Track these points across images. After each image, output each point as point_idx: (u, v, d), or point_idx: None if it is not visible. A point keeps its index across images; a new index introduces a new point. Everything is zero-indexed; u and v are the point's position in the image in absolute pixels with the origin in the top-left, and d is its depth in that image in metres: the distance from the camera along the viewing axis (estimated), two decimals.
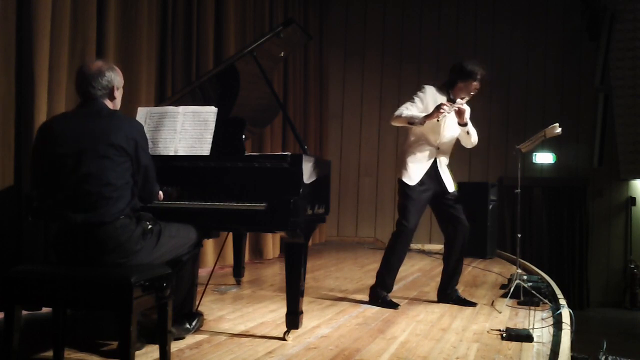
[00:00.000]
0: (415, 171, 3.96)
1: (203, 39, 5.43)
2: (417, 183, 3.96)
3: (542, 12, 9.59)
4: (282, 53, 3.98)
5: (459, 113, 3.89)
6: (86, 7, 3.98)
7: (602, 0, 8.99)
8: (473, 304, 4.09)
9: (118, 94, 2.62)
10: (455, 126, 3.99)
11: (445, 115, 3.78)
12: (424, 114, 3.82)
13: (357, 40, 9.86)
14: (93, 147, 2.39)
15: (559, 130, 4.18)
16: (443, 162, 4.06)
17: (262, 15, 6.74)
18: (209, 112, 3.15)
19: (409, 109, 3.89)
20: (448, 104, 3.78)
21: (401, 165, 4.02)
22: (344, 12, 9.90)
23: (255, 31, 6.45)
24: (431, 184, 4.00)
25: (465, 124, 3.96)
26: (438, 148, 4.00)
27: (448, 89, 4.01)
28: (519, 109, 9.50)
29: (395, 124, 3.97)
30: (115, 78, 2.58)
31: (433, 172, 4.00)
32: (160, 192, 2.84)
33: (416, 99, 3.95)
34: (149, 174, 2.58)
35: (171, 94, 4.58)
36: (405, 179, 3.97)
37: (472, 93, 3.97)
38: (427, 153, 3.98)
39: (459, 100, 3.92)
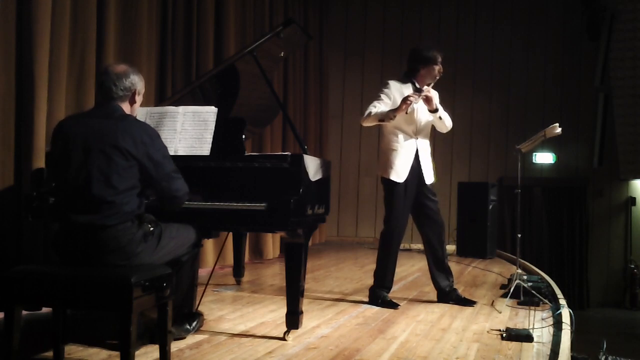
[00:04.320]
0: (401, 167, 3.95)
1: (203, 39, 5.43)
2: (405, 179, 3.95)
3: (542, 12, 9.59)
4: (282, 53, 3.98)
5: (427, 100, 3.90)
6: (86, 7, 3.98)
7: (602, 0, 8.99)
8: (473, 303, 4.09)
9: (138, 99, 2.62)
10: (427, 112, 4.00)
11: (414, 106, 3.81)
12: (393, 109, 3.82)
13: (357, 40, 9.86)
14: (98, 148, 2.39)
15: (559, 130, 4.18)
16: (425, 151, 4.05)
17: (262, 15, 6.74)
18: (209, 112, 3.15)
19: (377, 107, 3.89)
20: (414, 95, 3.79)
21: (386, 164, 4.00)
22: (344, 12, 9.90)
23: (255, 31, 6.45)
24: (413, 177, 4.00)
25: (435, 110, 3.96)
26: (417, 137, 4.01)
27: (411, 78, 4.01)
28: (519, 109, 9.50)
29: (366, 124, 3.97)
30: (139, 83, 2.58)
31: (415, 163, 4.00)
32: None
33: (382, 96, 3.94)
34: (170, 174, 2.52)
35: (171, 94, 4.58)
36: (393, 177, 3.96)
37: (436, 77, 3.97)
38: (407, 144, 3.98)
39: (425, 87, 3.91)
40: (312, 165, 3.05)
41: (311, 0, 8.40)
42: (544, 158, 9.51)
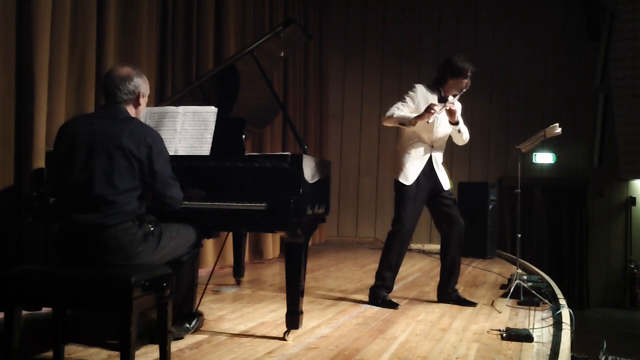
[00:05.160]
0: (411, 171, 3.96)
1: (203, 39, 5.43)
2: (414, 182, 3.96)
3: (542, 12, 9.60)
4: (282, 53, 3.98)
5: (450, 112, 3.90)
6: (86, 7, 3.98)
7: (602, 0, 8.99)
8: (473, 304, 4.09)
9: (143, 102, 2.63)
10: (447, 123, 4.00)
11: (436, 117, 3.80)
12: (415, 115, 3.83)
13: (357, 40, 9.86)
14: (102, 148, 2.39)
15: (559, 130, 4.18)
16: (438, 160, 4.06)
17: (262, 15, 6.74)
18: (209, 112, 3.15)
19: (400, 109, 3.90)
20: (438, 105, 3.80)
21: (397, 166, 4.01)
22: (344, 12, 9.90)
23: (255, 31, 6.45)
24: (427, 182, 4.00)
25: (456, 123, 3.97)
26: (432, 146, 4.01)
27: (439, 87, 4.02)
28: (519, 109, 9.50)
29: (387, 124, 3.97)
30: (142, 85, 2.59)
31: (429, 170, 4.00)
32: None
33: (407, 99, 3.95)
34: (167, 179, 2.53)
35: (171, 94, 4.58)
36: (401, 179, 3.97)
37: (463, 90, 3.97)
38: (422, 151, 3.99)
39: (450, 98, 3.93)
40: (312, 165, 3.05)
41: (311, 0, 8.40)
42: (544, 158, 9.51)
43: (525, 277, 4.58)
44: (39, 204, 2.86)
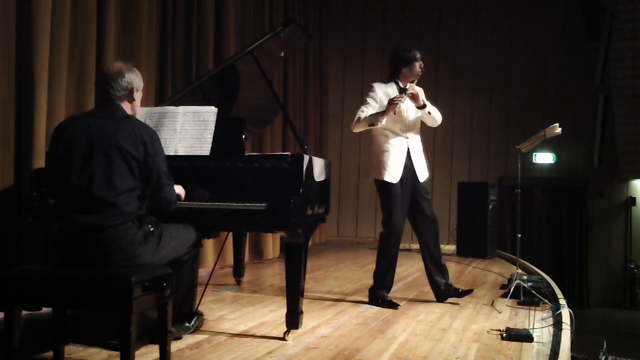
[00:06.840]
0: (394, 167, 3.96)
1: (203, 39, 5.43)
2: (399, 179, 3.95)
3: (542, 12, 9.59)
4: (282, 53, 3.99)
5: (414, 98, 3.93)
6: (86, 7, 3.98)
7: (602, 0, 8.99)
8: (469, 291, 4.12)
9: (137, 96, 2.63)
10: (415, 110, 4.02)
11: (400, 107, 3.84)
12: (381, 112, 3.85)
13: (357, 40, 9.85)
14: (100, 149, 2.39)
15: (559, 130, 4.19)
16: (416, 148, 4.07)
17: (262, 15, 6.74)
18: (209, 112, 3.15)
19: (365, 112, 3.93)
20: (399, 96, 3.83)
21: (379, 166, 4.00)
22: (344, 12, 9.90)
23: (255, 31, 6.45)
24: (408, 175, 4.01)
25: (423, 106, 3.99)
26: (407, 137, 4.02)
27: (395, 79, 4.05)
28: (519, 109, 9.50)
29: (357, 129, 4.01)
30: (135, 80, 2.59)
31: (408, 162, 4.01)
32: (182, 191, 2.81)
33: (369, 100, 3.98)
34: (162, 178, 2.52)
35: (171, 94, 4.58)
36: (387, 178, 3.95)
37: (419, 74, 4.02)
38: (399, 145, 3.99)
39: (409, 85, 3.97)
40: (312, 165, 3.05)
41: (311, 0, 8.40)
42: (544, 158, 9.51)
43: (525, 277, 4.58)
44: (39, 204, 2.86)
